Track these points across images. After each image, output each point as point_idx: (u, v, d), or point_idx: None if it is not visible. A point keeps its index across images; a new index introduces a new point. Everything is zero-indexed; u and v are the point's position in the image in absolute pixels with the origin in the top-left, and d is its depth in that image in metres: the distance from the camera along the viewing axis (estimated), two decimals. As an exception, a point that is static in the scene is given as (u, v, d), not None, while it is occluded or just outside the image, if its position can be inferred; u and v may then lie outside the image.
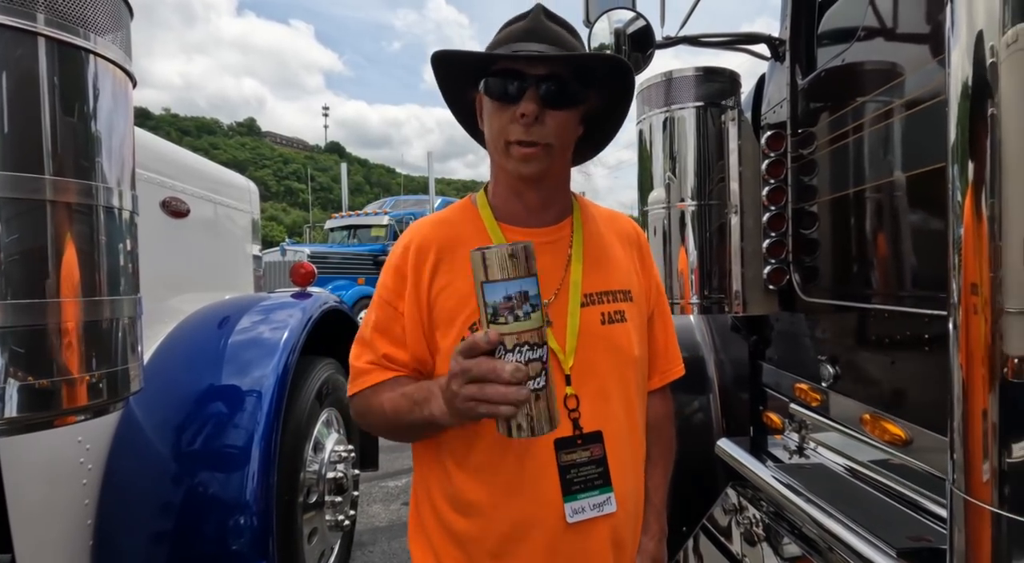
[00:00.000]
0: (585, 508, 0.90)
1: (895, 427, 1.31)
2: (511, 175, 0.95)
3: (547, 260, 0.96)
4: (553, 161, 0.93)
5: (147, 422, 1.71)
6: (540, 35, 0.91)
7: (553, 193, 1.00)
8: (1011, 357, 0.61)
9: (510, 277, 0.72)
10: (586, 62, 0.91)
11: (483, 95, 0.93)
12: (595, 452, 0.92)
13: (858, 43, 1.47)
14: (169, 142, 2.50)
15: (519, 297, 0.72)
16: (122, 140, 1.10)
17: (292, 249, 10.67)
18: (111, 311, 1.05)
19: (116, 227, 1.08)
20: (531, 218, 0.99)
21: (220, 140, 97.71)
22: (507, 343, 0.72)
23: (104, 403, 1.05)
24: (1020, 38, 0.60)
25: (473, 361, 0.73)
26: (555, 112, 0.89)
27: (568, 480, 0.90)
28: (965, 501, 0.67)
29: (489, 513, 0.91)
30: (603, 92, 0.96)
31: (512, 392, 0.71)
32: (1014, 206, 0.61)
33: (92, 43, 1.03)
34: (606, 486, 0.92)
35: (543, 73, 0.88)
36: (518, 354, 0.73)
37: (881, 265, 1.41)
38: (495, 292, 0.72)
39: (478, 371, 0.73)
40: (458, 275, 0.94)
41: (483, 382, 0.73)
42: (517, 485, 0.91)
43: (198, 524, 1.64)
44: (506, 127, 0.90)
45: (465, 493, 0.93)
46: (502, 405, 0.72)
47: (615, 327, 0.97)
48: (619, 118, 1.02)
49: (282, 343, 1.91)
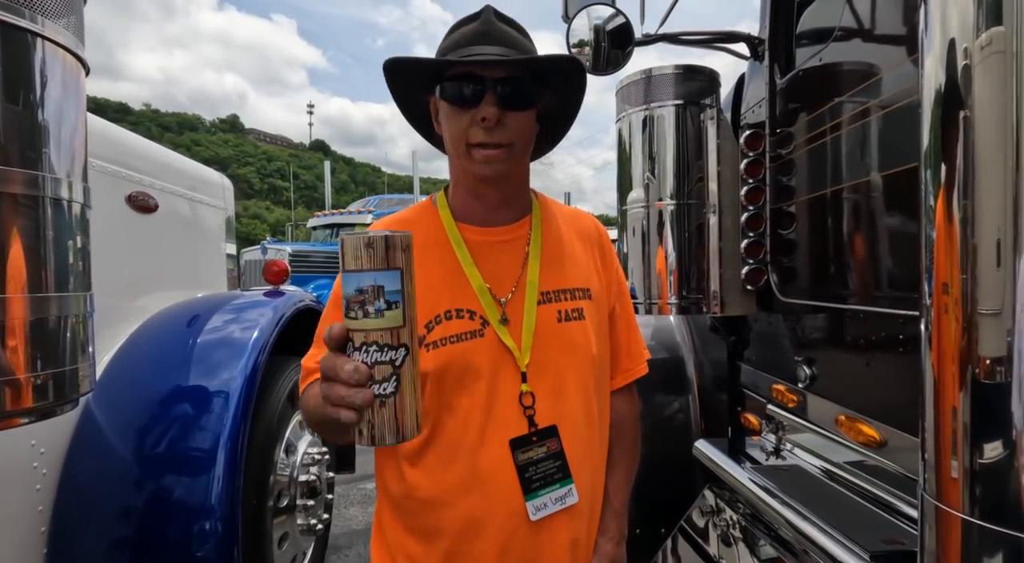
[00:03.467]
0: (547, 504, 0.90)
1: (870, 428, 1.31)
2: (473, 177, 0.95)
3: (505, 258, 0.97)
4: (515, 161, 0.94)
5: (107, 424, 1.65)
6: (493, 38, 0.91)
7: (514, 192, 1.00)
8: (982, 357, 0.61)
9: (363, 268, 0.64)
10: (541, 64, 0.91)
11: (439, 99, 0.93)
12: (552, 446, 0.92)
13: (835, 43, 1.47)
14: (137, 135, 2.42)
15: (372, 291, 0.64)
16: (73, 129, 1.05)
17: (273, 247, 10.52)
18: (59, 309, 1.00)
19: (65, 220, 1.03)
20: (490, 217, 0.99)
21: (202, 136, 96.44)
22: (355, 340, 0.64)
23: (51, 405, 1.00)
24: (994, 41, 0.60)
25: (324, 359, 0.66)
26: (515, 113, 0.90)
27: (527, 479, 0.90)
28: (936, 507, 0.67)
29: (441, 511, 0.91)
30: (558, 90, 0.97)
31: (350, 394, 0.62)
32: (985, 208, 0.61)
33: (40, 26, 0.98)
34: (566, 478, 0.92)
35: (501, 76, 0.89)
36: (364, 354, 0.64)
37: (857, 266, 1.41)
38: (349, 283, 0.64)
39: (324, 367, 0.66)
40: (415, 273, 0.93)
41: (329, 381, 0.65)
42: (470, 483, 0.90)
43: (160, 530, 1.58)
44: (466, 130, 0.90)
45: (417, 491, 0.92)
46: (341, 408, 0.64)
47: (572, 324, 0.96)
48: (572, 112, 1.03)
49: (251, 342, 1.86)
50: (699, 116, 1.84)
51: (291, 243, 12.66)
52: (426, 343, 0.91)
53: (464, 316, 0.92)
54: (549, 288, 0.96)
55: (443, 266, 0.95)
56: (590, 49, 1.76)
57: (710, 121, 1.83)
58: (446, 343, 0.91)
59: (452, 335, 0.91)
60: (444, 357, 0.90)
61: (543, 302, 0.95)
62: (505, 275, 0.95)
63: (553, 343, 0.93)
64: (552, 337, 0.93)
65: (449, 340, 0.91)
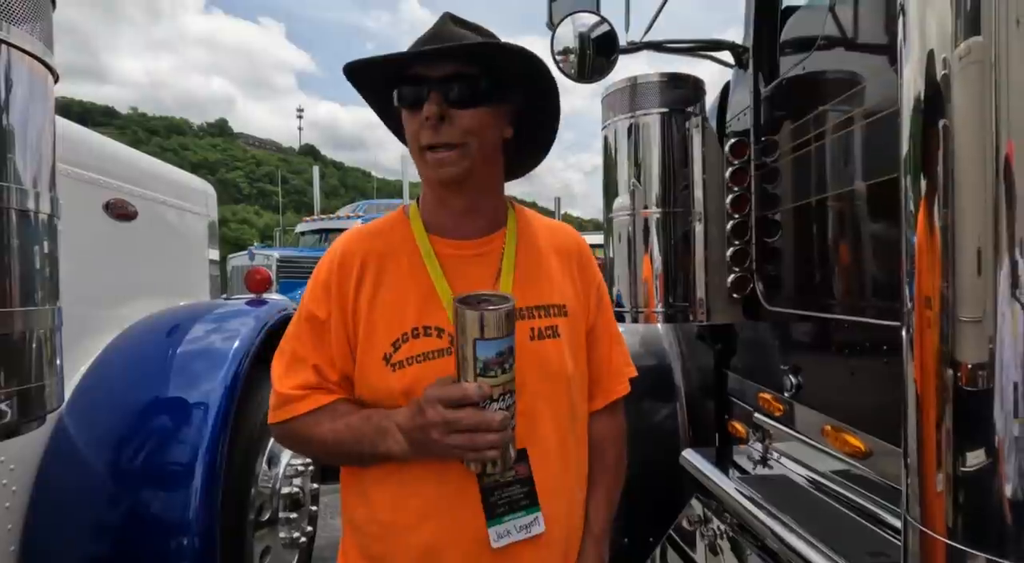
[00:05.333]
0: (511, 531, 0.87)
1: (855, 438, 1.30)
2: (432, 182, 0.93)
3: (477, 272, 0.94)
4: (471, 163, 0.89)
5: (81, 437, 1.61)
6: (441, 38, 0.88)
7: (479, 199, 0.95)
8: (963, 363, 0.61)
9: (503, 335, 0.78)
10: (477, 53, 0.87)
11: (397, 105, 0.91)
12: (520, 471, 0.88)
13: (818, 52, 1.47)
14: (116, 141, 2.38)
15: (508, 352, 0.79)
16: (39, 138, 1.02)
17: (261, 253, 10.42)
18: (23, 323, 0.97)
19: (31, 232, 1.00)
20: (460, 227, 0.96)
21: (190, 141, 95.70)
22: (494, 394, 0.79)
23: (15, 423, 0.96)
24: (972, 51, 0.60)
25: (462, 413, 0.78)
26: (464, 111, 0.86)
27: (492, 503, 0.86)
28: (917, 523, 0.66)
29: (402, 536, 0.88)
30: (524, 90, 0.93)
31: (499, 438, 0.79)
32: (965, 216, 0.61)
33: (4, 32, 0.95)
34: (533, 506, 0.88)
35: (446, 73, 0.86)
36: (501, 402, 0.80)
37: (842, 275, 1.41)
38: (488, 349, 0.78)
39: (468, 423, 0.78)
40: (383, 287, 0.91)
41: (473, 432, 0.78)
42: (432, 508, 0.87)
43: (135, 547, 1.54)
44: (417, 133, 0.88)
45: (379, 514, 0.90)
46: (486, 450, 0.79)
47: (545, 343, 0.93)
48: (551, 118, 0.98)
49: (232, 352, 1.82)
50: (684, 124, 1.83)
51: (279, 249, 12.55)
52: (392, 362, 0.88)
53: (432, 333, 0.89)
54: (522, 304, 0.91)
55: (413, 280, 0.92)
56: (575, 57, 1.75)
57: (695, 129, 1.83)
58: (412, 362, 0.88)
59: (418, 354, 0.88)
60: (410, 377, 0.87)
61: (516, 319, 0.91)
62: (476, 289, 0.90)
63: (525, 362, 0.88)
64: (524, 356, 0.87)
65: (416, 359, 0.88)
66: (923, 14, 0.65)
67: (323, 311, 0.92)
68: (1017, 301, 0.57)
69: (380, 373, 0.89)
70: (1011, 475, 0.58)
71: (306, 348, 0.92)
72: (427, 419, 0.80)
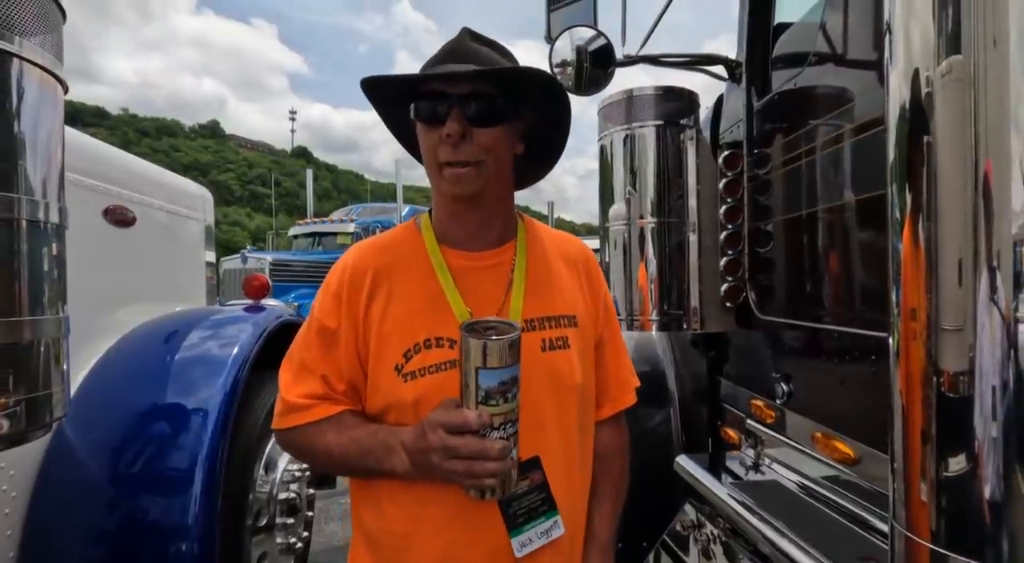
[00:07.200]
0: (532, 539, 0.88)
1: (844, 446, 1.33)
2: (447, 196, 0.94)
3: (488, 284, 0.95)
4: (488, 179, 0.91)
5: (81, 443, 1.61)
6: (460, 55, 0.90)
7: (492, 212, 0.97)
8: (945, 371, 0.63)
9: (506, 364, 0.78)
10: (507, 78, 0.89)
11: (414, 120, 0.92)
12: (535, 479, 0.90)
13: (809, 68, 1.51)
14: (114, 148, 2.39)
15: (511, 381, 0.79)
16: (48, 149, 1.04)
17: (253, 256, 10.37)
18: (32, 332, 0.98)
19: (41, 242, 1.01)
20: (472, 240, 0.97)
21: (181, 142, 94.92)
22: (495, 422, 0.79)
23: (22, 431, 0.98)
24: (953, 69, 0.62)
25: (461, 440, 0.79)
26: (482, 129, 0.88)
27: (511, 514, 0.88)
28: (902, 528, 0.68)
29: (417, 548, 0.89)
30: (536, 108, 0.95)
31: (498, 467, 0.79)
32: (947, 229, 0.63)
33: (16, 46, 0.97)
34: (552, 510, 0.90)
35: (466, 91, 0.87)
36: (503, 431, 0.80)
37: (832, 285, 1.44)
38: (491, 378, 0.78)
39: (467, 451, 0.79)
40: (395, 298, 0.93)
41: (471, 460, 0.79)
42: (449, 520, 0.88)
43: (135, 552, 1.55)
44: (436, 148, 0.89)
45: (394, 525, 0.91)
46: (485, 478, 0.80)
47: (556, 354, 0.94)
48: (561, 135, 1.01)
49: (231, 358, 1.83)
50: (679, 136, 1.87)
51: (272, 252, 12.47)
52: (404, 373, 0.89)
53: (444, 345, 0.90)
54: (533, 315, 0.94)
55: (425, 291, 0.93)
56: (572, 69, 1.78)
57: (690, 141, 1.87)
58: (424, 374, 0.89)
59: (430, 365, 0.89)
60: (422, 388, 0.88)
61: (527, 330, 0.92)
62: (488, 301, 0.93)
63: (535, 373, 0.89)
64: (534, 367, 0.89)
65: (428, 370, 0.89)
66: (908, 32, 0.67)
67: (333, 321, 0.93)
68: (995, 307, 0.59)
69: (392, 383, 0.90)
70: (990, 478, 0.59)
71: (315, 358, 0.93)
72: (428, 443, 0.81)
